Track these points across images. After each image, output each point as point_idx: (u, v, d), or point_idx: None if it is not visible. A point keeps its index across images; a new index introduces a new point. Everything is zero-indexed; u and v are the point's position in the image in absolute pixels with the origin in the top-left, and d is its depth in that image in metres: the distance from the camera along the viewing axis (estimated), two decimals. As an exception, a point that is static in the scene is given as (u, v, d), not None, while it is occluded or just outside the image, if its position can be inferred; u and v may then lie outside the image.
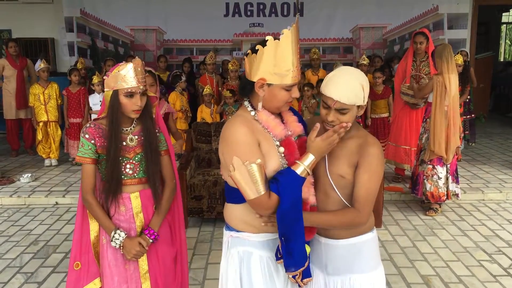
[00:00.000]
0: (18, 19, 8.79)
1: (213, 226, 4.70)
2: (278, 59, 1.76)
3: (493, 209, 5.14)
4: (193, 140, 5.20)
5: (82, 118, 6.82)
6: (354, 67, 1.93)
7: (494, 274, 3.68)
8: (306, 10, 8.76)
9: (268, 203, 1.76)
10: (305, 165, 1.78)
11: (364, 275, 1.93)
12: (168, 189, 2.35)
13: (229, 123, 1.86)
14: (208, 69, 7.25)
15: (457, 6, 8.65)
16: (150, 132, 2.25)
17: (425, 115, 4.97)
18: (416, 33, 5.48)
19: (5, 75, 7.12)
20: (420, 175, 4.85)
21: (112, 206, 2.24)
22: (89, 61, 8.79)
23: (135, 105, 2.14)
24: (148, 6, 8.72)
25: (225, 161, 1.82)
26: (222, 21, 8.80)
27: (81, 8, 8.64)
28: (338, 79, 1.79)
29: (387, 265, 3.82)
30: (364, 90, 1.78)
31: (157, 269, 2.33)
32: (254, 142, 1.78)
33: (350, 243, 1.92)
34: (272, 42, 1.76)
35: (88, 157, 2.18)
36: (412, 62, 5.51)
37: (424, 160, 4.80)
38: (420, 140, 4.96)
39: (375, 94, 6.79)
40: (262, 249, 1.93)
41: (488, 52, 10.51)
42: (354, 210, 1.82)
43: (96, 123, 2.23)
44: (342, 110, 1.78)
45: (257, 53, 1.77)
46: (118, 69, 2.12)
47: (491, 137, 8.63)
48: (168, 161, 2.36)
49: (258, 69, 1.78)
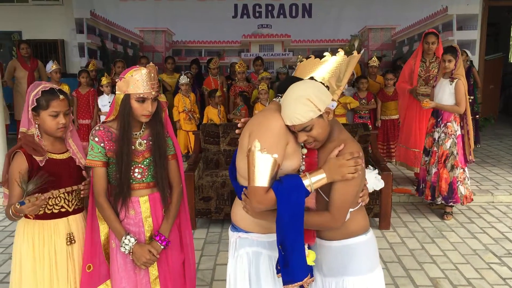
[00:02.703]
0: (28, 21, 8.86)
1: (221, 227, 4.71)
2: (339, 73, 1.88)
3: (502, 211, 5.10)
4: (201, 141, 5.22)
5: (91, 119, 6.86)
6: (306, 79, 1.88)
7: (504, 277, 3.65)
8: (314, 11, 8.76)
9: (262, 197, 1.76)
10: (311, 181, 1.77)
11: (358, 278, 1.92)
12: (176, 194, 2.35)
13: (270, 111, 1.86)
14: (213, 73, 7.34)
15: (467, 7, 8.59)
16: (160, 137, 2.25)
17: (440, 119, 4.74)
18: (427, 33, 5.34)
19: (16, 77, 7.19)
20: (454, 182, 4.68)
21: (122, 210, 2.24)
22: (99, 63, 8.84)
23: (145, 110, 2.14)
24: (157, 8, 8.76)
25: (249, 142, 1.81)
26: (230, 23, 8.82)
27: (91, 10, 8.70)
28: (284, 103, 1.79)
29: (396, 267, 3.81)
30: (313, 100, 1.74)
31: (167, 274, 2.33)
32: (284, 139, 1.80)
33: (343, 244, 1.91)
34: (340, 55, 1.89)
35: (98, 160, 2.19)
36: (420, 63, 5.40)
37: (469, 162, 4.80)
38: (441, 146, 4.70)
39: (386, 95, 6.77)
40: (270, 249, 1.94)
41: (498, 53, 10.44)
42: (328, 214, 1.81)
43: (106, 126, 2.22)
44: (305, 128, 1.78)
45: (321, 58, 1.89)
46: (132, 73, 2.11)
47: (500, 138, 8.57)
48: (175, 166, 2.35)
49: None
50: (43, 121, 2.19)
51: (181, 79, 6.62)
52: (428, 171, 4.84)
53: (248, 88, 7.03)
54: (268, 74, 7.09)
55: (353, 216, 1.89)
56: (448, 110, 4.68)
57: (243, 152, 1.87)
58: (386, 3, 8.67)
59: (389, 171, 4.56)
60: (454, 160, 4.67)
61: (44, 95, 2.17)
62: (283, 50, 9.02)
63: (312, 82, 1.82)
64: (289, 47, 8.99)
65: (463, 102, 4.62)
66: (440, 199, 4.74)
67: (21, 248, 2.26)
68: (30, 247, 2.24)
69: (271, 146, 1.75)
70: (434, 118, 4.83)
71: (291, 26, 8.85)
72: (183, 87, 6.57)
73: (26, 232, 2.26)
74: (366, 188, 2.02)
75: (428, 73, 5.35)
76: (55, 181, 2.22)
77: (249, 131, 1.85)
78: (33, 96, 2.17)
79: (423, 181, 4.92)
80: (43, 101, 2.16)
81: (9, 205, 2.13)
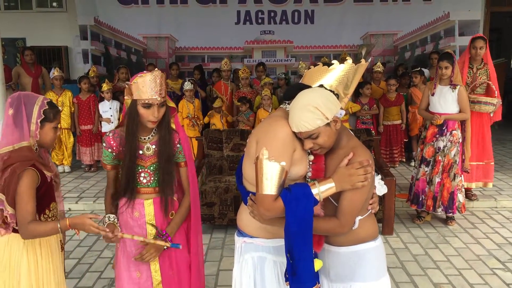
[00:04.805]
0: (32, 28, 8.93)
1: (225, 232, 4.71)
2: (347, 81, 1.89)
3: (506, 216, 5.09)
4: (204, 147, 5.24)
5: (93, 124, 6.91)
6: (316, 87, 1.89)
7: (508, 283, 3.64)
8: (317, 18, 8.79)
9: (271, 205, 1.77)
10: (320, 190, 1.78)
11: (365, 284, 1.92)
12: (185, 200, 2.37)
13: (276, 118, 1.88)
14: (224, 76, 7.26)
15: (469, 13, 8.59)
16: (166, 143, 2.26)
17: (446, 127, 4.62)
18: (475, 37, 4.97)
19: (20, 83, 7.23)
20: (455, 191, 4.62)
21: (127, 211, 2.29)
22: (103, 69, 8.89)
23: (152, 116, 2.15)
24: (160, 14, 8.80)
25: (257, 149, 1.83)
26: (233, 29, 8.86)
27: (95, 17, 8.75)
28: (292, 110, 1.81)
29: (399, 273, 3.81)
30: (320, 109, 1.75)
31: (171, 279, 2.35)
32: (291, 146, 1.81)
33: (352, 250, 1.92)
34: (348, 63, 1.91)
35: (107, 164, 2.29)
36: (468, 69, 5.04)
37: (465, 171, 4.74)
38: (447, 155, 4.60)
39: (388, 101, 6.79)
40: (275, 255, 1.95)
41: (500, 58, 10.44)
42: (336, 220, 1.82)
43: (117, 131, 2.27)
44: (311, 136, 1.79)
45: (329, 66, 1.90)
46: (137, 79, 2.13)
47: (504, 143, 8.56)
48: (186, 173, 2.36)
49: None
50: (45, 133, 2.15)
51: (185, 85, 6.63)
52: (430, 182, 4.71)
53: (251, 94, 7.05)
54: (271, 80, 7.11)
55: (362, 222, 1.90)
56: (457, 118, 4.61)
57: (250, 159, 1.88)
58: (388, 9, 8.69)
59: (392, 177, 4.56)
60: (456, 169, 4.63)
61: (50, 106, 2.15)
62: (285, 56, 9.04)
63: (321, 90, 1.83)
64: (291, 53, 9.01)
65: (468, 108, 4.59)
66: (441, 209, 4.67)
67: (20, 262, 2.13)
68: (31, 256, 2.16)
69: (278, 154, 1.77)
70: (436, 126, 4.65)
71: (293, 32, 8.87)
72: (187, 93, 6.59)
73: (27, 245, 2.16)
74: (376, 196, 2.02)
75: (475, 80, 5.03)
76: (52, 195, 2.25)
77: (256, 138, 1.86)
78: (39, 108, 2.11)
79: (423, 192, 4.76)
80: (50, 113, 2.14)
81: (24, 222, 2.03)
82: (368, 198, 1.88)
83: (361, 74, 1.99)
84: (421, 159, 4.79)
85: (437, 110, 4.64)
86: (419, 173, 4.79)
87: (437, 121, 4.59)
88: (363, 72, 1.99)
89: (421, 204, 4.79)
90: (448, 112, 4.59)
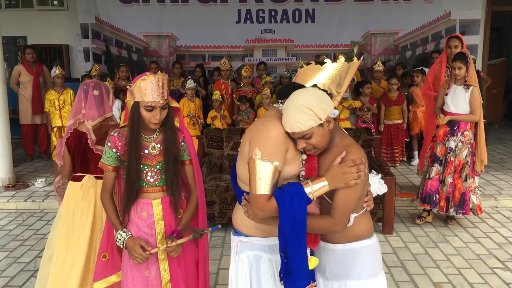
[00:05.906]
0: (33, 26, 8.94)
1: (225, 231, 4.72)
2: (339, 79, 1.89)
3: (506, 216, 5.10)
4: (205, 146, 5.24)
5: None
6: (309, 87, 1.88)
7: (507, 282, 3.65)
8: (317, 17, 8.79)
9: (264, 204, 1.78)
10: (313, 188, 1.78)
11: (361, 282, 1.92)
12: (192, 198, 2.40)
13: (269, 118, 1.88)
14: (223, 76, 7.24)
15: (469, 12, 8.59)
16: (170, 142, 2.27)
17: (457, 127, 4.57)
18: (450, 37, 5.09)
19: (21, 81, 7.23)
20: (466, 192, 4.59)
21: (132, 211, 2.29)
22: (104, 67, 8.90)
23: (154, 118, 2.17)
24: (161, 13, 8.81)
25: (249, 149, 1.84)
26: (234, 28, 8.87)
27: (96, 15, 8.76)
28: (285, 110, 1.81)
29: (399, 272, 3.82)
30: (313, 109, 1.76)
31: (180, 277, 2.36)
32: (283, 145, 1.82)
33: (347, 248, 1.92)
34: (341, 62, 1.90)
35: (109, 165, 2.27)
36: (446, 68, 5.07)
37: (478, 173, 4.66)
38: (459, 155, 4.56)
39: (390, 100, 6.79)
40: (271, 253, 1.96)
41: (501, 58, 10.44)
42: (330, 218, 1.82)
43: (121, 130, 2.27)
44: (304, 136, 1.79)
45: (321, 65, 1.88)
46: (140, 82, 2.13)
47: (504, 143, 8.55)
48: (191, 171, 2.39)
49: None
50: None
51: (187, 83, 6.62)
52: (443, 182, 4.65)
53: (252, 93, 7.05)
54: (271, 79, 7.10)
55: (357, 220, 1.90)
56: (464, 120, 4.56)
57: (243, 158, 1.89)
58: (389, 8, 8.69)
59: (393, 176, 4.57)
60: (468, 170, 4.59)
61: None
62: (286, 55, 9.05)
63: (315, 90, 1.83)
64: (292, 52, 9.02)
65: (479, 110, 4.52)
66: (453, 210, 4.62)
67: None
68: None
69: (271, 154, 1.77)
70: (448, 126, 4.60)
71: (294, 31, 8.88)
72: (189, 92, 6.59)
73: None
74: (371, 193, 2.03)
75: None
76: None
77: (249, 138, 1.87)
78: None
79: (436, 192, 4.68)
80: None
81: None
82: (362, 196, 1.89)
83: (354, 72, 1.98)
84: (433, 158, 4.72)
85: (449, 109, 4.60)
86: (432, 172, 4.70)
87: (439, 121, 4.59)
88: (355, 70, 1.98)
89: (435, 204, 4.70)
90: (459, 112, 4.54)
